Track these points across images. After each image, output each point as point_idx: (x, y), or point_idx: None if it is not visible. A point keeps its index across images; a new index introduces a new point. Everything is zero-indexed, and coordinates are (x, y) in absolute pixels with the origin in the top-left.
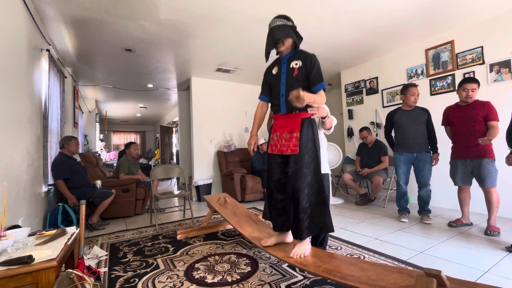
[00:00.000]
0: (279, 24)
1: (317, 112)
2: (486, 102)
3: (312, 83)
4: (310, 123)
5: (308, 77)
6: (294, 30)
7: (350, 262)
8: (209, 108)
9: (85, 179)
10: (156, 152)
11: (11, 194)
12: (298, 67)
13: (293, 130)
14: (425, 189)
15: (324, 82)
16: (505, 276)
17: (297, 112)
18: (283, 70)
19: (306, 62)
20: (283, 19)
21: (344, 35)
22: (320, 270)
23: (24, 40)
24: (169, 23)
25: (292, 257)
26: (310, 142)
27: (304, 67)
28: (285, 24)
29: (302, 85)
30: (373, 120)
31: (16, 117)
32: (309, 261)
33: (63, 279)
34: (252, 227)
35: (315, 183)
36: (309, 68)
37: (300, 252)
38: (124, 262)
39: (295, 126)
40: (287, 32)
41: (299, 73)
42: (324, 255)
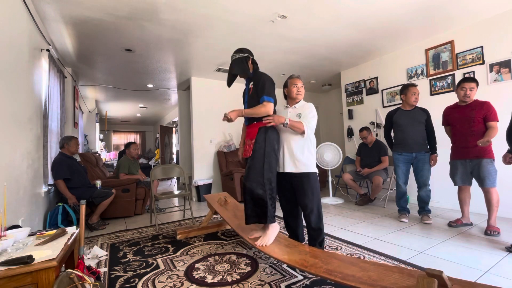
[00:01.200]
0: (235, 58)
1: (272, 121)
2: (485, 102)
3: (258, 97)
4: (265, 131)
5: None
6: (247, 61)
7: (351, 262)
8: (209, 108)
9: (85, 179)
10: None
11: (11, 194)
12: (252, 87)
13: (252, 138)
14: (424, 189)
15: (267, 96)
16: (505, 276)
17: (255, 123)
18: (246, 91)
19: (256, 81)
20: (238, 52)
21: (344, 35)
22: (321, 271)
23: (24, 40)
24: (169, 23)
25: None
26: (259, 144)
27: (255, 85)
28: (239, 57)
29: (256, 101)
30: (373, 120)
31: (16, 117)
32: (310, 261)
33: (63, 279)
34: (253, 229)
35: (259, 180)
36: (257, 86)
37: (264, 242)
38: (124, 262)
39: (253, 134)
40: (241, 68)
41: (253, 92)
42: (324, 256)
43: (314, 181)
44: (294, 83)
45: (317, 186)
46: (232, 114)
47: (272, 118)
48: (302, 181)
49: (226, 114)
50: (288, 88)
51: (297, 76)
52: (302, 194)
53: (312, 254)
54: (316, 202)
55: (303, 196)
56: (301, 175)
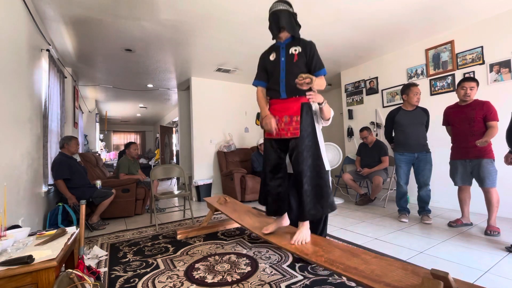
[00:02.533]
0: (282, 8)
1: (315, 98)
2: (485, 102)
3: (313, 70)
4: (309, 108)
5: (308, 64)
6: (295, 18)
7: (353, 252)
8: (209, 108)
9: (85, 179)
10: (156, 152)
11: (11, 194)
12: (297, 53)
13: (294, 114)
14: (425, 189)
15: (325, 68)
16: (505, 276)
17: (297, 96)
18: (282, 56)
19: (306, 49)
20: (286, 4)
21: (344, 35)
22: (322, 260)
23: (24, 40)
24: (169, 23)
25: (293, 243)
26: (310, 126)
27: (304, 53)
28: (287, 10)
29: (302, 71)
30: (373, 120)
31: (16, 117)
32: (310, 249)
33: (63, 279)
34: (253, 219)
35: (317, 166)
36: (309, 55)
37: (301, 239)
38: (124, 262)
39: (296, 110)
40: (290, 22)
41: (299, 59)
42: (325, 244)
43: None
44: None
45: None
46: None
47: (314, 94)
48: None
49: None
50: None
51: None
52: None
53: (313, 242)
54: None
55: None
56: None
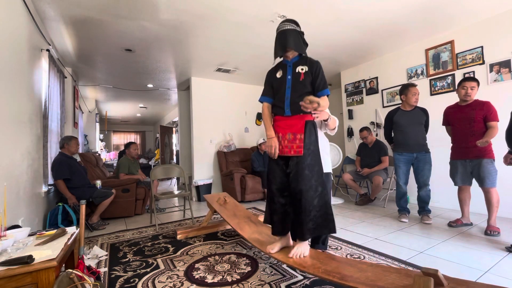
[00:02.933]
0: (289, 28)
1: (320, 116)
2: (485, 102)
3: (317, 89)
4: (313, 126)
5: (313, 83)
6: (302, 37)
7: (349, 263)
8: (209, 108)
9: (85, 179)
10: (156, 152)
11: (11, 194)
12: (304, 72)
13: (297, 132)
14: (424, 189)
15: (328, 89)
16: (505, 276)
17: (302, 114)
18: (289, 74)
19: (312, 69)
20: (293, 23)
21: (344, 35)
22: (319, 272)
23: (24, 40)
24: (169, 23)
25: (291, 257)
26: (313, 144)
27: (310, 73)
28: (294, 30)
29: (307, 90)
30: (373, 120)
31: (16, 117)
32: (308, 262)
33: (63, 279)
34: (252, 228)
35: (319, 185)
36: (314, 74)
37: (299, 252)
38: (124, 262)
39: (300, 128)
40: (297, 42)
41: (305, 78)
42: (323, 257)
43: (326, 181)
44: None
45: (329, 186)
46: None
47: (320, 113)
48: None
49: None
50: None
51: None
52: None
53: (310, 255)
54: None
55: None
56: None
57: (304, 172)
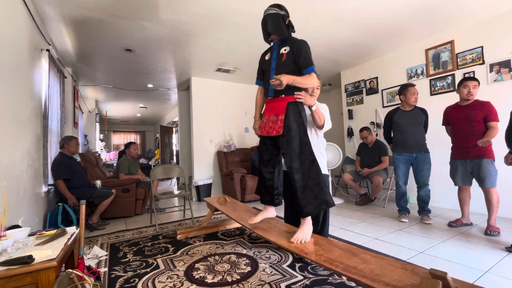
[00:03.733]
0: (271, 12)
1: (303, 98)
2: (486, 102)
3: (301, 67)
4: (296, 106)
5: (296, 62)
6: (285, 20)
7: (352, 252)
8: (209, 108)
9: (85, 179)
10: (156, 152)
11: (11, 194)
12: (286, 53)
13: (279, 113)
14: (424, 189)
15: (314, 66)
16: (505, 276)
17: (283, 96)
18: (274, 56)
19: (294, 48)
20: (276, 7)
21: (344, 35)
22: (322, 260)
23: (24, 40)
24: (169, 23)
25: (292, 241)
26: (296, 123)
27: (292, 52)
28: (276, 13)
29: (290, 69)
30: (373, 120)
31: (16, 117)
32: (310, 248)
33: (63, 279)
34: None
35: (308, 162)
36: (296, 53)
37: (301, 238)
38: (124, 262)
39: (281, 109)
40: (277, 26)
41: (287, 58)
42: (325, 243)
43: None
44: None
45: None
46: (285, 78)
47: (304, 94)
48: None
49: (277, 77)
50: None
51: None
52: None
53: (313, 241)
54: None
55: None
56: None
57: (293, 150)
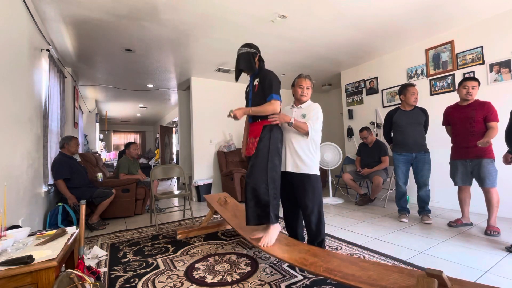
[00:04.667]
0: (243, 52)
1: (278, 119)
2: (486, 103)
3: (265, 96)
4: (270, 130)
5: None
6: (254, 57)
7: (351, 261)
8: (209, 108)
9: (85, 179)
10: (156, 152)
11: (11, 194)
12: (258, 84)
13: (256, 135)
14: (424, 189)
15: (275, 94)
16: (505, 276)
17: (259, 120)
18: (250, 88)
19: (261, 79)
20: (246, 47)
21: (344, 35)
22: (321, 270)
23: (24, 40)
24: (169, 23)
25: (260, 245)
26: (265, 147)
27: (261, 83)
28: (247, 52)
29: (261, 97)
30: (373, 120)
31: (16, 117)
32: (310, 260)
33: (63, 279)
34: (252, 228)
35: (263, 179)
36: (263, 83)
37: (266, 242)
38: (124, 262)
39: (257, 132)
40: (248, 64)
41: (258, 89)
42: (324, 255)
43: (315, 182)
44: (300, 84)
45: (319, 187)
46: (238, 112)
47: (278, 117)
48: (303, 182)
49: (232, 111)
50: (294, 88)
51: (304, 76)
52: (302, 194)
53: (312, 253)
54: (317, 203)
55: (304, 196)
56: (302, 176)
57: (253, 167)
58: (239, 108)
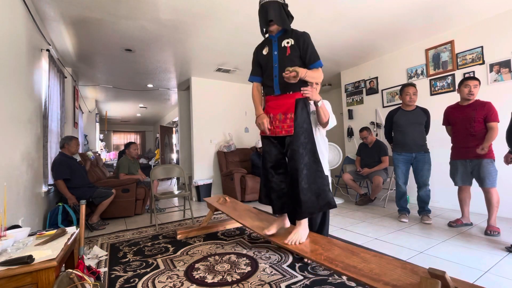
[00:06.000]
0: (270, 0)
1: (310, 94)
2: (486, 103)
3: (308, 63)
4: (304, 104)
5: (303, 56)
6: (285, 9)
7: (352, 251)
8: (209, 108)
9: (85, 179)
10: (156, 152)
11: (11, 194)
12: (290, 46)
13: (287, 111)
14: (424, 189)
15: (321, 61)
16: (505, 276)
17: (291, 93)
18: (275, 50)
19: (299, 41)
20: None
21: (344, 35)
22: (321, 259)
23: (24, 40)
24: (169, 23)
25: (287, 243)
26: (305, 122)
27: (297, 46)
28: (276, 1)
29: (295, 64)
30: (373, 120)
31: (16, 117)
32: (310, 247)
33: (63, 279)
34: (253, 218)
35: (313, 163)
36: (302, 47)
37: (296, 239)
38: (124, 262)
39: (289, 107)
40: (278, 15)
41: (292, 53)
42: (324, 242)
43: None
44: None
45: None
46: (301, 70)
47: (310, 90)
48: None
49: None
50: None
51: None
52: None
53: (312, 240)
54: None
55: None
56: None
57: (299, 151)
58: (299, 68)
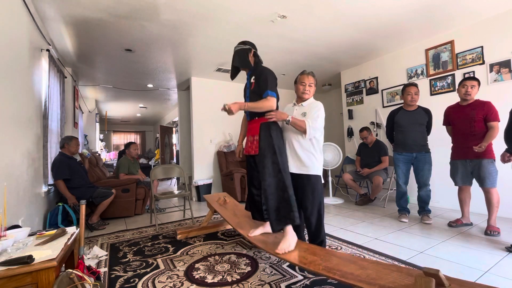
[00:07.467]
0: (238, 49)
1: (275, 117)
2: (486, 102)
3: (260, 93)
4: (268, 127)
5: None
6: (248, 54)
7: (350, 260)
8: (209, 108)
9: (85, 179)
10: (156, 152)
11: (11, 194)
12: (254, 81)
13: (255, 134)
14: (424, 189)
15: (271, 90)
16: (505, 276)
17: (256, 118)
18: (247, 85)
19: (257, 76)
20: (241, 44)
21: (344, 35)
22: (320, 269)
23: (24, 40)
24: (169, 23)
25: (278, 253)
26: (266, 143)
27: (257, 80)
28: (242, 49)
29: (258, 95)
30: (373, 120)
31: (16, 117)
32: (309, 259)
33: (63, 279)
34: (252, 227)
35: (277, 180)
36: (258, 79)
37: (285, 248)
38: (124, 262)
39: (256, 130)
40: (242, 59)
41: (255, 86)
42: (323, 253)
43: (315, 184)
44: (302, 81)
45: (319, 188)
46: (233, 106)
47: (274, 114)
48: (303, 183)
49: (226, 105)
50: (296, 85)
51: (307, 73)
52: (302, 195)
53: (311, 252)
54: (316, 204)
55: (303, 197)
56: (302, 177)
57: (264, 170)
58: (235, 103)
